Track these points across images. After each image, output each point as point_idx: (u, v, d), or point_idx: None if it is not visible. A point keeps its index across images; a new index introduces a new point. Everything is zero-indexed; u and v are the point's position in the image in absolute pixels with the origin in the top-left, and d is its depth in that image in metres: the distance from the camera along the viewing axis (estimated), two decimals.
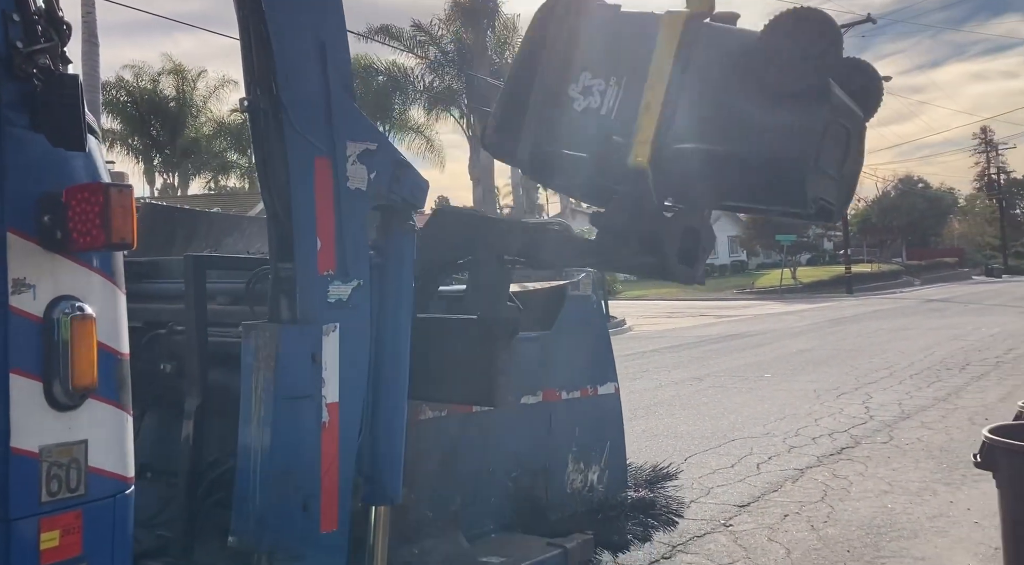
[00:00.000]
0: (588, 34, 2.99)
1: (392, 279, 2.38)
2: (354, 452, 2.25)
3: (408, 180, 2.36)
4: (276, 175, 2.15)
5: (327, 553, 2.16)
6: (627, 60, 2.88)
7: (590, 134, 2.92)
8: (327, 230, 2.17)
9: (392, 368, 2.36)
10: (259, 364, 2.08)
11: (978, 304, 26.04)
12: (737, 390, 10.50)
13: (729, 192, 3.05)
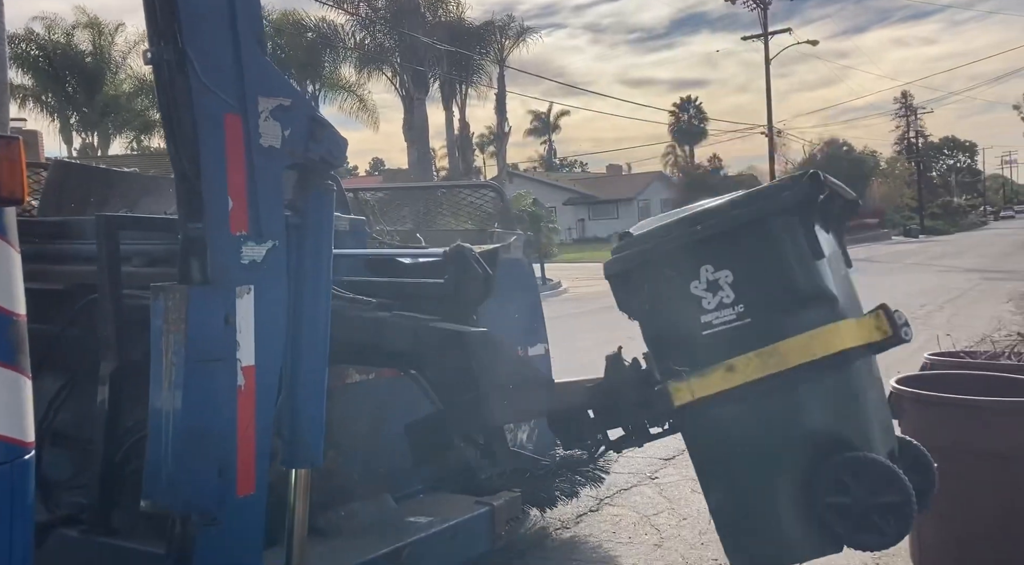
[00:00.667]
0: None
1: (310, 240, 2.32)
2: (272, 415, 2.22)
3: (326, 138, 2.29)
4: (183, 131, 2.07)
5: (244, 516, 2.14)
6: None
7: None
8: (239, 189, 2.11)
9: (311, 331, 2.32)
10: (169, 326, 2.04)
11: (897, 263, 27.13)
12: None
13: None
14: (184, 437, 2.02)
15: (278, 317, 2.21)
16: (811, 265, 2.55)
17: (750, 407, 2.58)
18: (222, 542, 2.10)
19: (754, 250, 2.58)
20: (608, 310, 7.98)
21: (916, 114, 79.02)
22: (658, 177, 60.74)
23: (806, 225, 2.57)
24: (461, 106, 36.13)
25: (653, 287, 2.74)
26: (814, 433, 2.53)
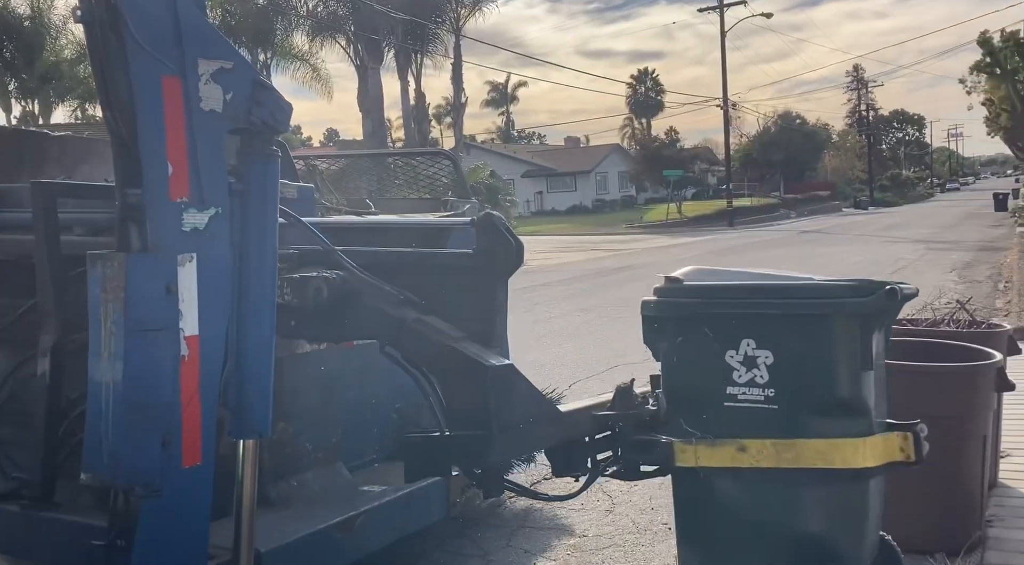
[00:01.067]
0: None
1: (255, 207, 2.27)
2: (217, 386, 2.19)
3: (269, 102, 2.23)
4: (118, 95, 2.00)
5: (190, 488, 2.12)
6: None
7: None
8: (179, 154, 2.05)
9: (257, 300, 2.27)
10: (107, 295, 1.99)
11: (847, 234, 27.72)
12: (623, 320, 10.85)
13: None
14: (125, 408, 1.98)
15: (222, 286, 2.17)
16: (858, 375, 2.48)
17: (751, 490, 2.56)
18: (167, 514, 2.07)
19: (804, 342, 2.49)
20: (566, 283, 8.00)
21: (867, 88, 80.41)
22: (615, 149, 60.91)
23: (866, 336, 2.48)
24: (417, 76, 35.65)
25: (687, 343, 2.66)
26: (807, 536, 2.51)
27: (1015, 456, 4.36)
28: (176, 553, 2.13)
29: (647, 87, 69.42)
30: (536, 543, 3.87)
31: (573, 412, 2.94)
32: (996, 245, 19.83)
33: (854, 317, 2.46)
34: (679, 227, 37.97)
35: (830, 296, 2.49)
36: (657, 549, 3.73)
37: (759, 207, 45.93)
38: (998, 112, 36.50)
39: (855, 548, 2.53)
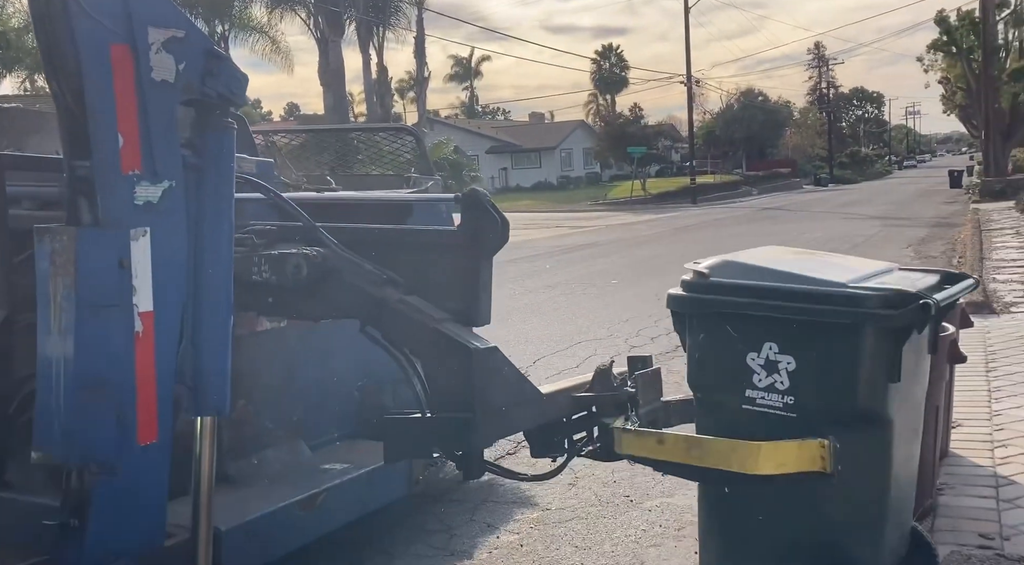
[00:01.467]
0: None
1: (210, 181, 2.23)
2: (174, 362, 2.16)
3: (224, 73, 2.18)
4: (64, 63, 1.94)
5: (146, 466, 2.09)
6: None
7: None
8: (130, 126, 2.00)
9: (214, 275, 2.24)
10: (57, 270, 1.94)
11: (807, 211, 28.11)
12: (587, 296, 10.92)
13: None
14: (77, 385, 1.94)
15: (177, 261, 2.14)
16: (884, 389, 2.41)
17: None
18: (122, 493, 2.05)
19: (830, 351, 2.41)
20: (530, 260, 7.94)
21: (828, 65, 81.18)
22: (580, 126, 60.84)
23: (896, 349, 2.39)
24: (379, 50, 35.17)
25: (710, 340, 2.61)
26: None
27: (965, 426, 4.48)
28: (132, 532, 2.10)
29: (611, 63, 69.30)
30: (499, 517, 3.89)
31: (554, 394, 2.95)
32: (951, 221, 20.27)
33: (885, 330, 2.37)
34: (643, 204, 38.17)
35: (860, 306, 2.38)
36: (619, 521, 3.78)
37: (722, 184, 46.33)
38: (954, 90, 37.19)
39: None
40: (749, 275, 2.60)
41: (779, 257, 2.83)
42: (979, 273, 10.13)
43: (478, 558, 3.49)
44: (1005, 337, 6.68)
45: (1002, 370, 5.64)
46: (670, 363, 6.76)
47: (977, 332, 6.55)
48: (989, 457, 4.04)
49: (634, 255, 15.98)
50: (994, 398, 5.00)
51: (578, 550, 3.53)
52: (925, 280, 2.65)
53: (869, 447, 2.47)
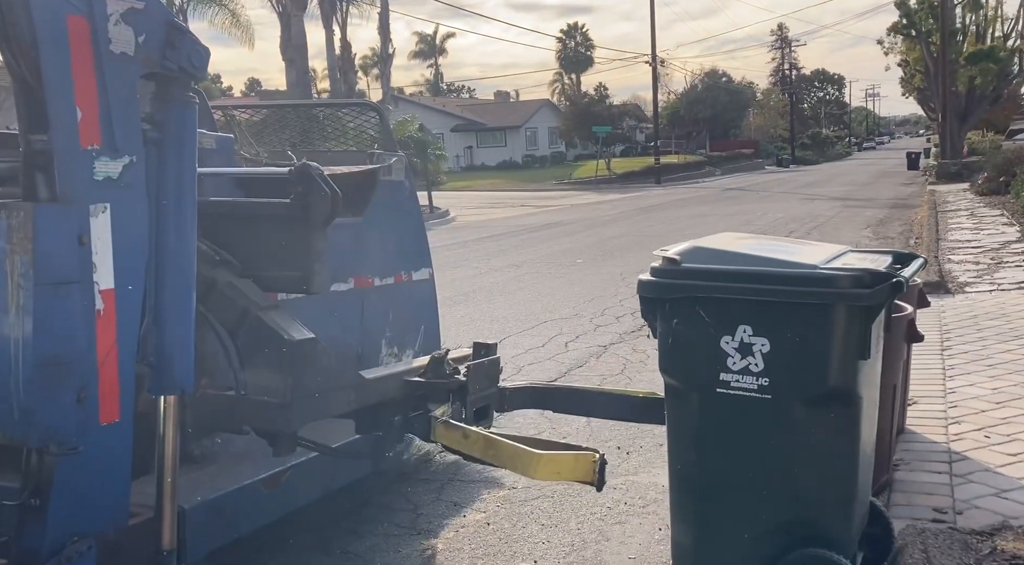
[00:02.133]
0: None
1: (172, 155, 2.20)
2: (135, 340, 2.13)
3: (185, 45, 2.15)
4: (20, 34, 1.89)
5: (108, 444, 2.07)
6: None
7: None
8: (89, 99, 1.97)
9: (176, 252, 2.21)
10: (14, 247, 1.91)
11: (768, 192, 28.44)
12: (552, 275, 10.95)
13: None
14: (37, 363, 1.91)
15: (139, 238, 2.10)
16: (855, 366, 2.45)
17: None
18: (84, 472, 2.02)
19: (803, 331, 2.44)
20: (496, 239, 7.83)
21: (791, 47, 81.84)
22: (546, 105, 60.63)
23: (866, 326, 2.43)
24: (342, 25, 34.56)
25: (684, 325, 2.61)
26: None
27: (921, 404, 4.60)
28: (94, 511, 2.08)
29: (577, 42, 69.04)
30: (466, 496, 3.91)
31: (381, 379, 3.09)
32: (908, 202, 20.66)
33: (856, 308, 2.42)
34: (608, 183, 38.27)
35: (833, 286, 2.43)
36: (585, 499, 3.81)
37: (686, 164, 46.61)
38: (912, 73, 37.66)
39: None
40: (720, 260, 2.63)
41: (741, 242, 2.86)
42: (935, 254, 10.36)
43: (444, 537, 3.50)
44: (959, 317, 6.85)
45: (956, 349, 5.78)
46: (635, 341, 6.82)
47: (933, 312, 6.71)
48: (943, 434, 4.15)
49: (599, 234, 16.04)
50: (948, 376, 5.13)
51: (544, 528, 3.56)
52: (880, 260, 2.70)
53: (840, 424, 2.52)
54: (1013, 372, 5.09)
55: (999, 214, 14.67)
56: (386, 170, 4.01)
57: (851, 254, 2.81)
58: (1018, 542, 2.94)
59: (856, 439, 2.56)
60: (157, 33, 2.10)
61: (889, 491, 3.50)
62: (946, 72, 30.14)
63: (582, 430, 4.75)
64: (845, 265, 2.58)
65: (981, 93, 33.36)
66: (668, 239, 14.54)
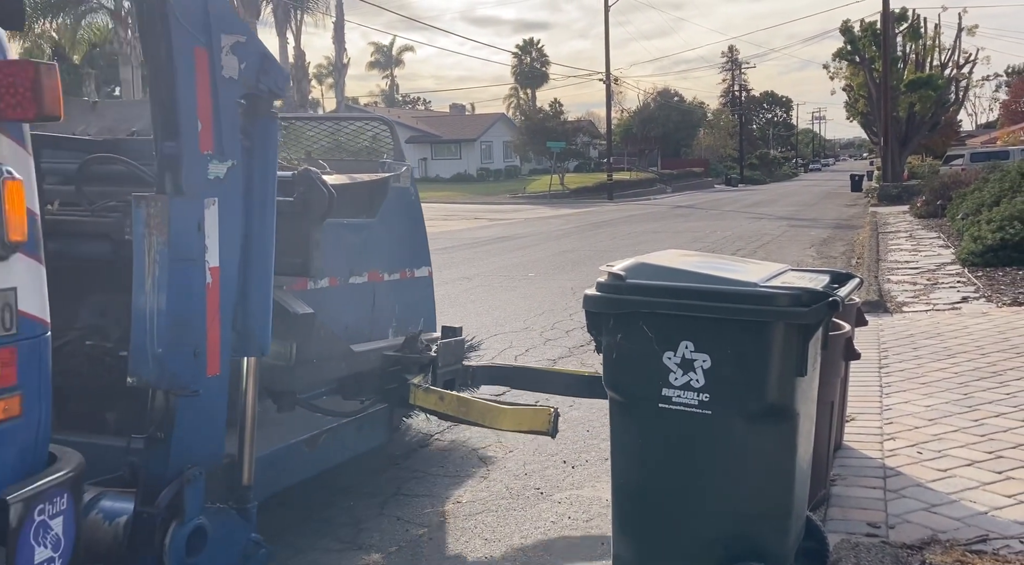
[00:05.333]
0: None
1: (259, 160, 2.64)
2: (232, 309, 2.56)
3: (273, 71, 2.64)
4: (160, 61, 2.35)
5: (213, 393, 2.52)
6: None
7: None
8: (206, 114, 2.43)
9: (260, 238, 2.65)
10: (151, 231, 2.33)
11: (717, 210, 28.96)
12: (503, 288, 10.96)
13: None
14: (167, 324, 2.33)
15: (236, 226, 2.56)
16: (792, 383, 2.50)
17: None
18: (196, 412, 2.47)
19: (742, 347, 2.48)
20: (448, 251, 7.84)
21: (741, 69, 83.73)
22: (501, 119, 60.88)
23: (804, 344, 2.47)
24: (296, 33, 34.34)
25: (627, 341, 2.64)
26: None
27: (859, 420, 4.71)
28: (202, 446, 2.53)
29: (532, 58, 69.62)
30: (409, 510, 3.87)
31: (366, 352, 3.78)
32: (851, 223, 21.24)
33: (794, 326, 2.46)
34: (561, 198, 38.54)
35: (772, 304, 2.48)
36: (529, 513, 3.81)
37: (638, 181, 47.18)
38: (856, 98, 38.88)
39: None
40: (663, 276, 2.67)
41: (685, 259, 2.91)
42: (875, 274, 10.66)
43: (386, 552, 3.46)
44: (897, 335, 7.06)
45: (894, 367, 5.95)
46: (583, 356, 6.86)
47: (871, 330, 6.90)
48: (879, 449, 4.26)
49: (551, 248, 16.12)
50: (885, 393, 5.27)
51: (487, 543, 3.54)
52: (818, 280, 2.77)
53: (778, 440, 2.57)
54: (946, 390, 5.26)
55: (936, 236, 15.18)
56: (395, 178, 4.45)
57: (791, 273, 2.87)
58: (945, 556, 3.03)
59: (793, 454, 2.62)
60: (254, 61, 2.56)
61: (826, 506, 3.58)
62: (888, 98, 31.15)
63: (528, 444, 4.76)
64: (784, 284, 2.64)
65: (920, 119, 34.59)
66: (619, 254, 14.68)
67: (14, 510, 1.91)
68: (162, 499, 2.40)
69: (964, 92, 39.66)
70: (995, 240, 10.74)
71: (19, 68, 1.90)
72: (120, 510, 2.45)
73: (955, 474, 3.86)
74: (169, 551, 2.38)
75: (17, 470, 2.00)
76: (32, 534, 1.97)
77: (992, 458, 4.04)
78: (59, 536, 2.06)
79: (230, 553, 2.62)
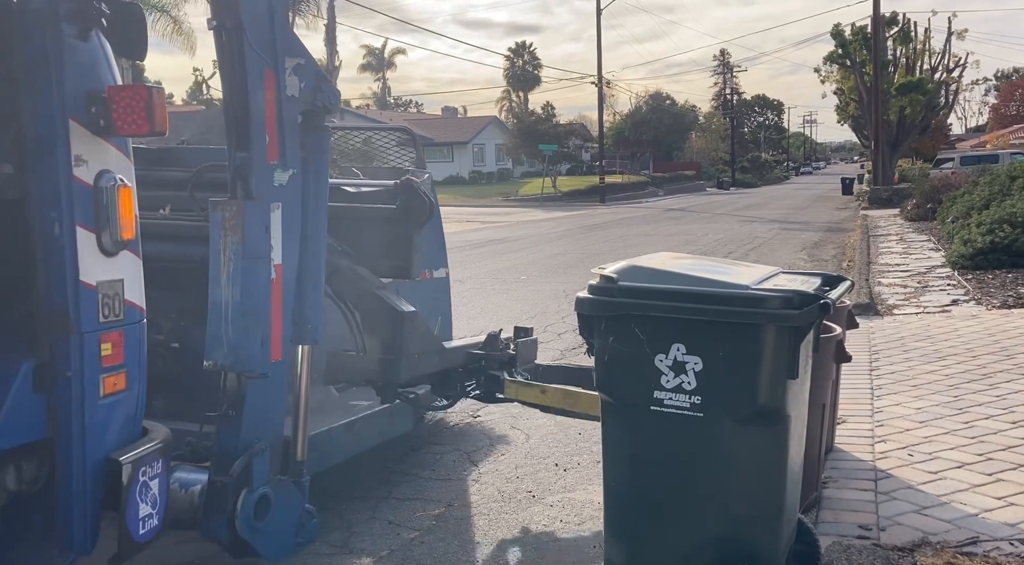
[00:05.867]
0: None
1: (313, 169, 2.90)
2: (291, 302, 2.82)
3: (327, 90, 2.89)
4: (236, 82, 2.62)
5: (276, 376, 2.80)
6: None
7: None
8: (273, 128, 2.70)
9: (314, 238, 2.92)
10: (227, 231, 2.60)
11: (708, 213, 29.03)
12: (496, 291, 10.95)
13: None
14: (240, 314, 2.60)
15: (295, 228, 2.82)
16: (784, 385, 2.49)
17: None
18: (264, 394, 2.75)
19: (734, 350, 2.48)
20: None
21: (732, 72, 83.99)
22: (493, 122, 60.91)
23: (795, 346, 2.47)
24: None
25: (619, 343, 2.64)
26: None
27: (850, 422, 4.72)
28: (267, 424, 2.81)
29: (525, 61, 69.68)
30: (401, 514, 3.86)
31: (454, 348, 4.12)
32: (842, 226, 21.32)
33: (786, 329, 2.46)
34: (553, 201, 38.57)
35: (763, 306, 2.48)
36: (521, 516, 3.81)
37: (630, 184, 47.26)
38: (847, 101, 39.01)
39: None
40: (655, 279, 2.67)
41: (677, 262, 2.91)
42: (866, 277, 10.70)
43: (378, 556, 3.44)
44: (887, 338, 7.08)
45: (884, 369, 5.97)
46: (575, 359, 6.85)
47: (862, 333, 6.92)
48: (870, 452, 4.27)
49: (543, 251, 16.13)
50: (876, 396, 5.29)
51: (479, 546, 3.53)
52: (809, 282, 2.78)
53: (769, 442, 2.57)
54: (936, 392, 5.28)
55: (926, 239, 15.25)
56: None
57: (782, 275, 2.88)
58: (936, 558, 3.04)
59: (784, 457, 2.62)
60: (311, 81, 2.82)
61: (818, 509, 3.59)
62: (879, 101, 31.28)
63: (521, 446, 4.75)
64: (776, 286, 2.64)
65: (911, 123, 34.73)
66: (611, 257, 14.73)
67: (125, 470, 2.32)
68: (235, 469, 2.69)
69: (954, 96, 39.85)
70: (985, 243, 10.79)
71: (135, 91, 2.26)
72: (193, 480, 2.74)
73: (945, 476, 3.88)
74: (240, 515, 2.69)
75: (123, 438, 2.40)
76: (137, 492, 2.37)
77: (982, 460, 4.06)
78: (156, 496, 2.46)
79: (288, 520, 2.92)
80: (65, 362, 2.26)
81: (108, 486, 2.33)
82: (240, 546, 2.75)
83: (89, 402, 2.30)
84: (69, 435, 2.28)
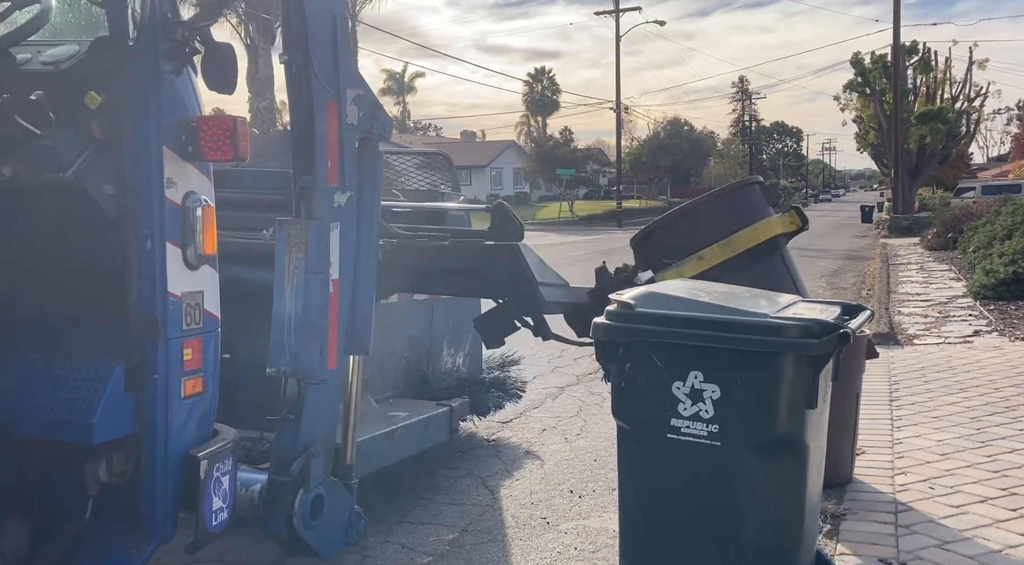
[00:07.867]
0: None
1: (367, 192, 3.06)
2: (347, 314, 2.97)
3: (382, 117, 3.08)
4: (302, 110, 2.80)
5: (333, 383, 2.96)
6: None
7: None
8: (334, 153, 2.86)
9: (366, 256, 3.07)
10: (291, 248, 2.77)
11: None
12: None
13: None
14: (302, 324, 2.76)
15: (350, 246, 2.97)
16: (803, 415, 2.48)
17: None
18: (320, 399, 2.90)
19: (752, 378, 2.46)
20: None
21: (751, 99, 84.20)
22: (511, 146, 61.28)
23: (814, 376, 2.45)
24: None
25: (637, 370, 2.63)
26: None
27: (869, 453, 4.66)
28: (323, 426, 2.96)
29: (543, 86, 70.16)
30: (415, 538, 3.83)
31: (575, 288, 4.35)
32: (862, 254, 21.16)
33: (805, 358, 2.44)
34: (570, 225, 38.62)
35: (783, 335, 2.46)
36: (535, 543, 3.77)
37: (647, 209, 47.22)
38: (867, 129, 38.89)
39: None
40: (673, 306, 2.65)
41: (695, 288, 2.90)
42: (886, 306, 10.60)
43: None
44: (908, 368, 7.00)
45: (904, 400, 5.89)
46: (592, 384, 6.82)
47: (882, 363, 6.84)
48: (890, 484, 4.20)
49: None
50: (896, 427, 5.22)
51: None
52: (829, 311, 2.76)
53: (787, 473, 2.54)
54: (957, 424, 5.20)
55: (947, 269, 15.10)
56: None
57: (801, 304, 2.86)
58: None
59: (803, 488, 2.58)
60: (368, 110, 3.01)
61: (836, 540, 3.53)
62: (898, 130, 31.16)
63: (535, 472, 4.72)
64: (795, 315, 2.62)
65: (931, 151, 34.54)
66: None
67: (202, 466, 2.48)
68: (294, 469, 2.83)
69: (975, 125, 39.58)
70: (1007, 274, 10.67)
71: (221, 121, 2.45)
72: (252, 480, 2.87)
73: (968, 510, 3.81)
74: (298, 512, 2.84)
75: (199, 436, 2.57)
76: (212, 486, 2.53)
77: (1006, 495, 3.99)
78: (227, 491, 2.61)
79: (339, 520, 3.08)
80: (152, 365, 2.43)
81: (187, 480, 2.50)
82: (295, 543, 2.90)
83: (173, 402, 2.47)
84: (154, 432, 2.45)
